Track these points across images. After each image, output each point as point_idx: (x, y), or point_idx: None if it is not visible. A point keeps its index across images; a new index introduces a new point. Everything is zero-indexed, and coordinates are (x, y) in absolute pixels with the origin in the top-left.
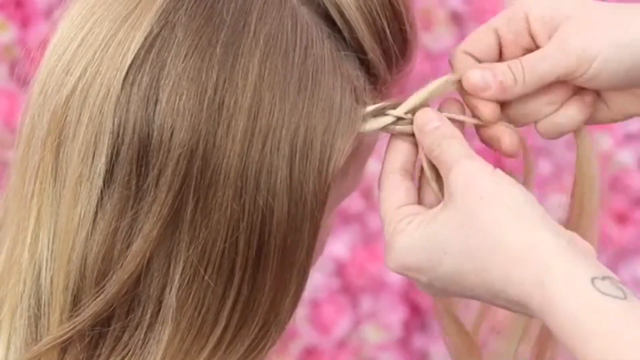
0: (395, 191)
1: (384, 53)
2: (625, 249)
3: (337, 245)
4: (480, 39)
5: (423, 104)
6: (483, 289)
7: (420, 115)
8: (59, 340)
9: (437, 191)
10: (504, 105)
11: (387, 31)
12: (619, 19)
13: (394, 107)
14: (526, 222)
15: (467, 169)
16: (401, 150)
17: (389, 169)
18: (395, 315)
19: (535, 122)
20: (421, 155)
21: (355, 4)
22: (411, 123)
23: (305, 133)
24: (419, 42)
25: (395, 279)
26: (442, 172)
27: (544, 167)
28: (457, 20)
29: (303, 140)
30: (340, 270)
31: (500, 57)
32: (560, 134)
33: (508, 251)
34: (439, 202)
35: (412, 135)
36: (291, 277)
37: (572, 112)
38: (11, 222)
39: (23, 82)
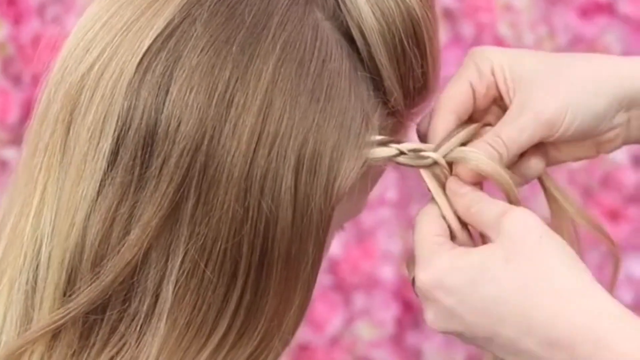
0: (433, 221)
1: (401, 81)
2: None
3: None
4: (461, 92)
5: (423, 149)
6: (517, 322)
7: (452, 182)
8: (52, 327)
9: (467, 240)
10: None
11: (407, 60)
12: (580, 73)
13: (399, 142)
14: (578, 267)
15: (526, 213)
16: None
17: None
18: (389, 313)
19: None
20: (446, 212)
21: (379, 28)
22: (411, 159)
23: (313, 145)
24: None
25: (388, 276)
26: (486, 224)
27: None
28: (450, 16)
29: (311, 152)
30: (333, 267)
31: (474, 110)
32: (526, 183)
33: (562, 290)
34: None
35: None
36: (295, 289)
37: (534, 163)
38: (18, 196)
39: (16, 79)
